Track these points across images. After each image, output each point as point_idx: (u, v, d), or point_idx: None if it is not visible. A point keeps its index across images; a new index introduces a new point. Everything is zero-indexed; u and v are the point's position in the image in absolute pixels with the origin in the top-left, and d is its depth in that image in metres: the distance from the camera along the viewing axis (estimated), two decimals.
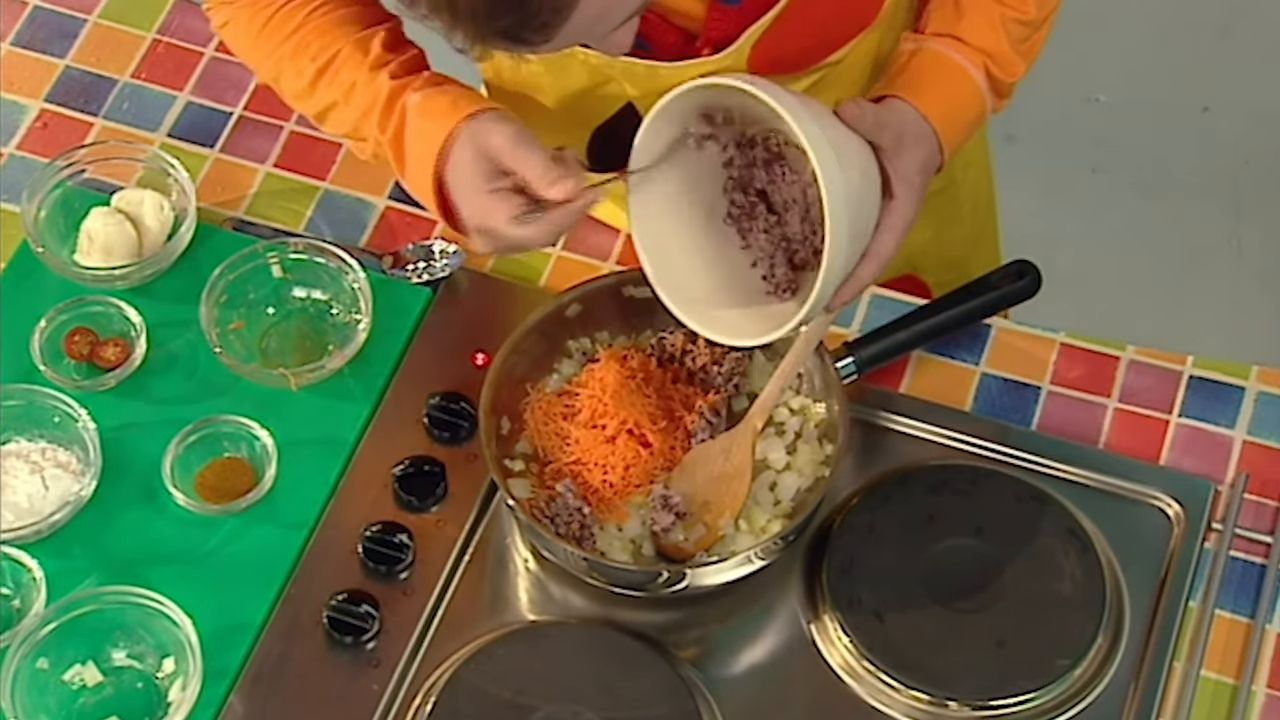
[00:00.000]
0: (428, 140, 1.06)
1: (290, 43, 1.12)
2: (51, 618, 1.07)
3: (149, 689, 1.08)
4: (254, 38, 1.13)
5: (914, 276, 1.34)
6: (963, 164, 1.33)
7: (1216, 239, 2.18)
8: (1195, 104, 2.26)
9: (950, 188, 1.34)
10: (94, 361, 1.20)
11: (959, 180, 1.34)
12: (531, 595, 1.14)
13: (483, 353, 1.20)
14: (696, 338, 1.17)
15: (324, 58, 1.11)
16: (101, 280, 1.22)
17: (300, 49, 1.11)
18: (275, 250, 1.22)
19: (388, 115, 1.08)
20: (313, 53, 1.11)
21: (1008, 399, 1.21)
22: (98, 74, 1.34)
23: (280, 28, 1.12)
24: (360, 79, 1.10)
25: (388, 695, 1.09)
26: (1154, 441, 1.19)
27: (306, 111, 1.14)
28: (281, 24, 1.12)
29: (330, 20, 1.12)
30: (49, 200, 1.25)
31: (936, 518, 1.14)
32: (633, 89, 1.15)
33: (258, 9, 1.13)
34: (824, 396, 1.16)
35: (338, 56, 1.10)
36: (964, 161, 1.33)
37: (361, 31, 1.11)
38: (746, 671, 1.11)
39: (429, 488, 1.15)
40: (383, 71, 1.09)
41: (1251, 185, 2.22)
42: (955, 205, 1.36)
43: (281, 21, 1.12)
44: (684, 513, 1.11)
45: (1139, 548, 1.14)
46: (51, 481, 1.14)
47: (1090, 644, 1.09)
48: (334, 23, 1.12)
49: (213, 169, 1.30)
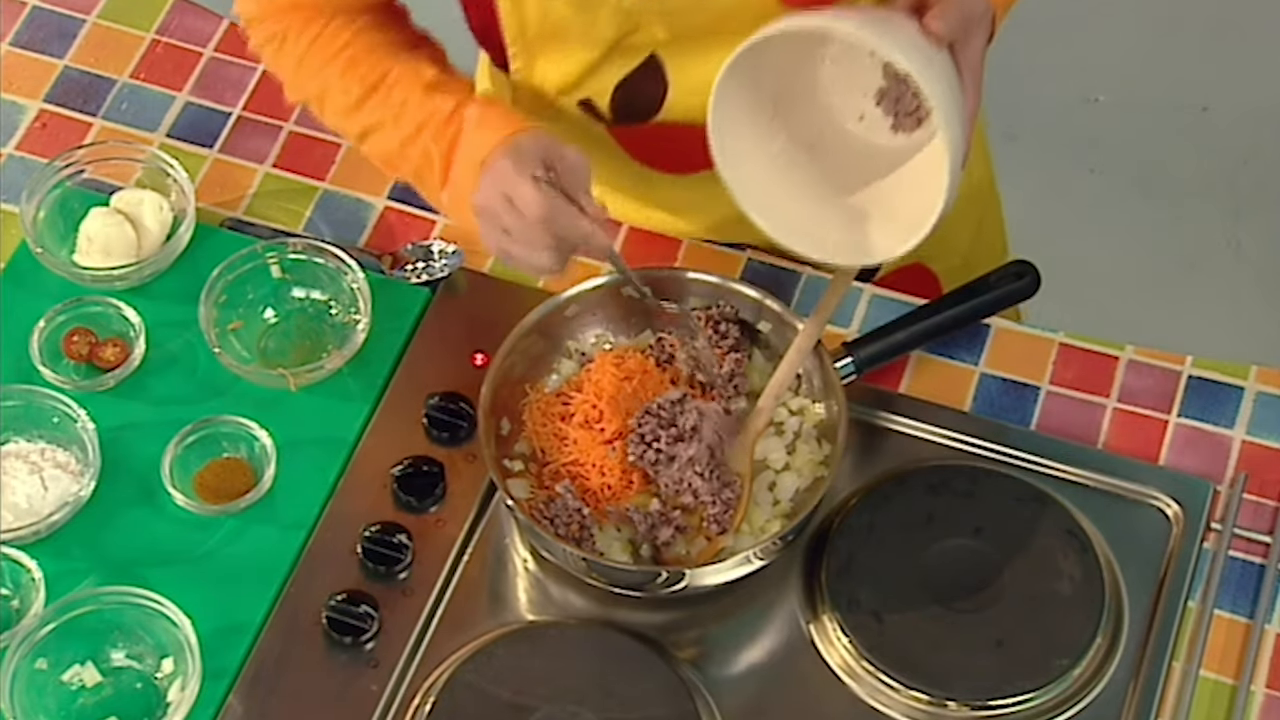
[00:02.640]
0: (481, 146, 1.06)
1: (338, 62, 1.12)
2: (50, 618, 1.07)
3: (148, 689, 1.08)
4: (298, 58, 1.13)
5: (922, 265, 1.33)
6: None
7: (1215, 239, 2.18)
8: (1194, 104, 2.26)
9: None
10: (93, 362, 1.20)
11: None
12: (530, 595, 1.14)
13: (482, 353, 1.20)
14: (695, 338, 1.17)
15: (373, 77, 1.11)
16: (100, 280, 1.22)
17: (349, 68, 1.12)
18: (274, 250, 1.22)
19: (445, 129, 1.09)
20: (361, 72, 1.12)
21: (1007, 399, 1.21)
22: (97, 74, 1.34)
23: (326, 47, 1.12)
24: (413, 99, 1.10)
25: (387, 695, 1.09)
26: (1153, 441, 1.19)
27: (349, 130, 1.14)
28: (327, 43, 1.12)
29: (376, 40, 1.12)
30: (48, 200, 1.25)
31: (936, 518, 1.14)
32: (663, 32, 1.14)
33: (303, 28, 1.13)
34: (823, 397, 1.16)
35: (388, 76, 1.11)
36: None
37: (408, 53, 1.12)
38: (745, 672, 1.11)
39: (428, 488, 1.15)
40: (438, 93, 1.10)
41: (1250, 185, 2.22)
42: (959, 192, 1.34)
43: (327, 41, 1.12)
44: (684, 526, 1.11)
45: (1138, 548, 1.14)
46: (50, 482, 1.14)
47: (1089, 644, 1.09)
48: (380, 44, 1.12)
49: (212, 169, 1.30)
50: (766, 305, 1.17)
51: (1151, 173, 2.23)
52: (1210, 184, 2.22)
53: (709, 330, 1.17)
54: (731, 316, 1.18)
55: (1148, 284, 2.14)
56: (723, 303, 1.18)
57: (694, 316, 1.17)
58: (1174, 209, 2.20)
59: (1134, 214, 2.20)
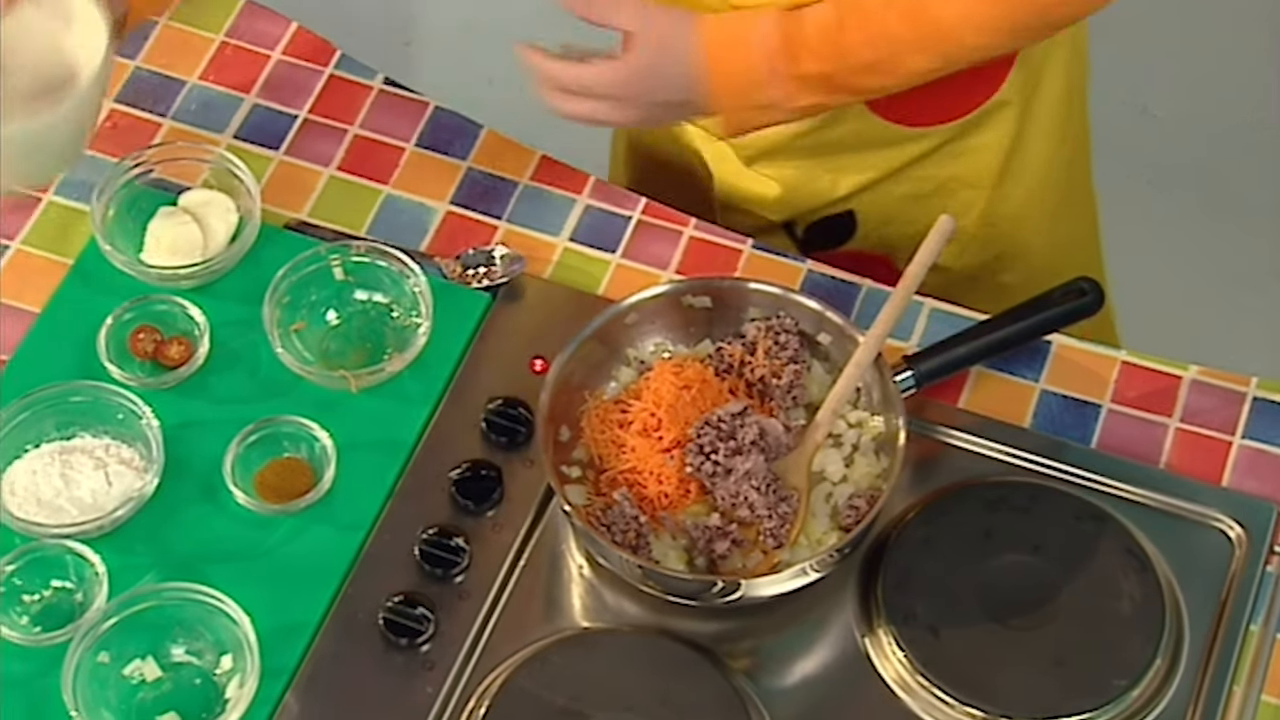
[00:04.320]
0: None
1: None
2: (113, 612, 1.09)
3: (207, 685, 1.09)
4: None
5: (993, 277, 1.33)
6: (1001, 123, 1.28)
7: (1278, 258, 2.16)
8: (1256, 119, 2.24)
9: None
10: (158, 359, 1.21)
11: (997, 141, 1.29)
12: (585, 602, 1.14)
13: (541, 359, 1.21)
14: (755, 349, 1.17)
15: None
16: (167, 279, 1.24)
17: None
18: (337, 253, 1.23)
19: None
20: None
21: (1068, 416, 1.20)
22: (167, 75, 1.35)
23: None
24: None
25: (441, 698, 1.09)
26: (1216, 462, 1.18)
27: None
28: None
29: None
30: (117, 199, 1.26)
31: (994, 534, 1.13)
32: None
33: None
34: (882, 410, 1.16)
35: None
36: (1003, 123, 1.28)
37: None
38: (799, 683, 1.11)
39: (486, 492, 1.16)
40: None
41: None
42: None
43: None
44: (740, 540, 1.11)
45: (1199, 569, 1.13)
46: (115, 477, 1.15)
47: (1149, 665, 1.09)
48: None
49: (277, 171, 1.31)
50: (827, 317, 1.17)
51: (1214, 189, 2.21)
52: (1276, 200, 2.19)
53: (768, 341, 1.17)
54: (791, 328, 1.18)
55: (1212, 303, 2.12)
56: (783, 314, 1.18)
57: None
58: (1238, 226, 2.18)
59: (1197, 231, 2.18)
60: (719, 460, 1.12)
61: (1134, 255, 2.14)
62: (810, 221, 1.33)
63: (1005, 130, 1.27)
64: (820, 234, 1.33)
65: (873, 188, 1.30)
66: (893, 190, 1.30)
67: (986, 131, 1.27)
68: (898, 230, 1.31)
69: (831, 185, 1.30)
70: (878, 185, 1.30)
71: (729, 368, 1.18)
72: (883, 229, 1.32)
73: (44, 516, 1.14)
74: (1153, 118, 2.25)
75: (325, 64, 1.37)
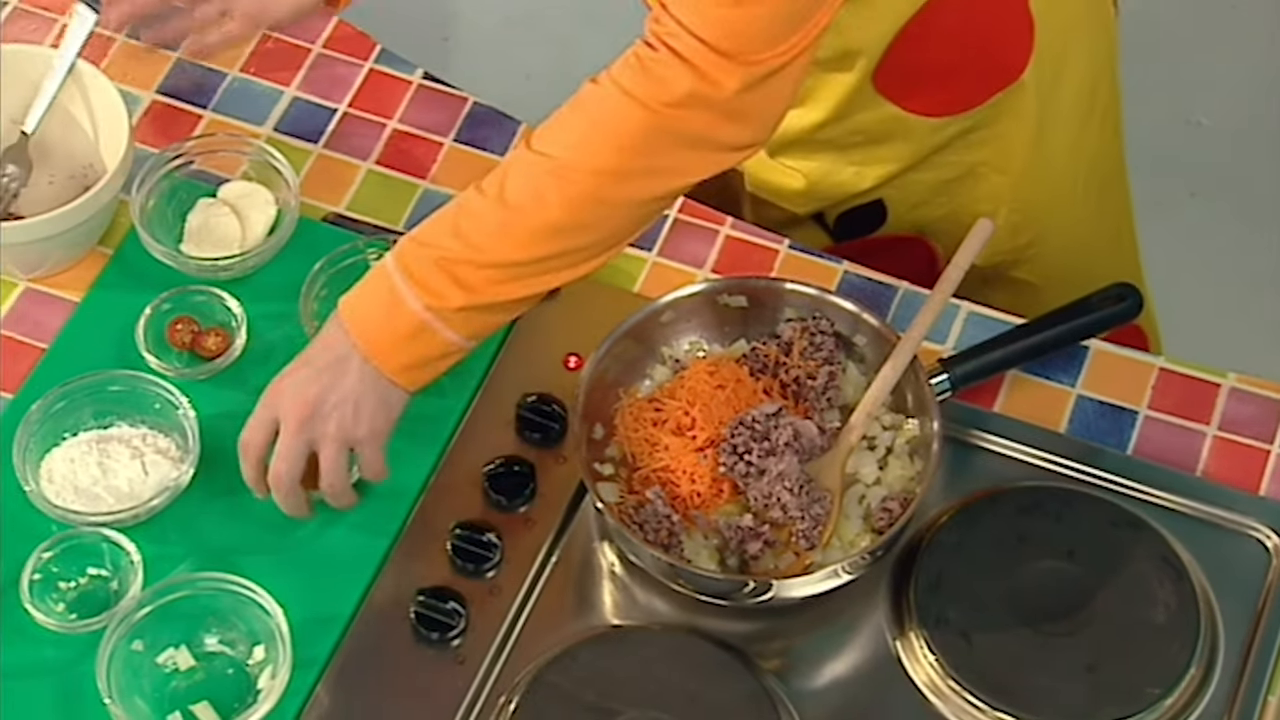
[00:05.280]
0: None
1: None
2: (147, 601, 1.09)
3: (239, 675, 1.10)
4: None
5: (922, 239, 1.31)
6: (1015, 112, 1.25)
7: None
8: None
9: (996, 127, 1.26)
10: (195, 350, 1.22)
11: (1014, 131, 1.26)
12: (616, 599, 1.14)
13: (576, 356, 1.21)
14: (791, 350, 1.17)
15: None
16: (205, 270, 1.24)
17: None
18: (375, 246, 1.24)
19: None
20: None
21: (1104, 422, 1.20)
22: (207, 67, 1.36)
23: None
24: None
25: (472, 692, 1.10)
26: (1254, 471, 1.17)
27: None
28: None
29: None
30: (157, 190, 1.27)
31: (1028, 539, 1.13)
32: None
33: None
34: (917, 413, 1.15)
35: None
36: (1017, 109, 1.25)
37: None
38: (830, 685, 1.11)
39: (519, 488, 1.16)
40: None
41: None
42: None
43: None
44: (773, 541, 1.11)
45: (1235, 578, 1.12)
46: (151, 467, 1.16)
47: (1183, 674, 1.08)
48: None
49: (316, 164, 1.32)
50: (863, 319, 1.17)
51: (1254, 198, 2.19)
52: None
53: (804, 342, 1.17)
54: (827, 329, 1.18)
55: (1251, 311, 2.10)
56: (819, 314, 1.18)
57: None
58: (1276, 235, 2.16)
59: (1236, 239, 2.16)
60: (752, 460, 1.12)
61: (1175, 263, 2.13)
62: (840, 212, 1.32)
63: (1027, 117, 1.25)
64: (851, 223, 1.32)
65: (899, 177, 1.29)
66: (920, 178, 1.29)
67: (1007, 119, 1.25)
68: (930, 211, 1.30)
69: (856, 177, 1.29)
70: (903, 175, 1.29)
71: (764, 368, 1.18)
72: (914, 212, 1.31)
73: (81, 504, 1.15)
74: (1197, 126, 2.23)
75: (365, 58, 1.37)
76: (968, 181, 1.29)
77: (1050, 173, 1.30)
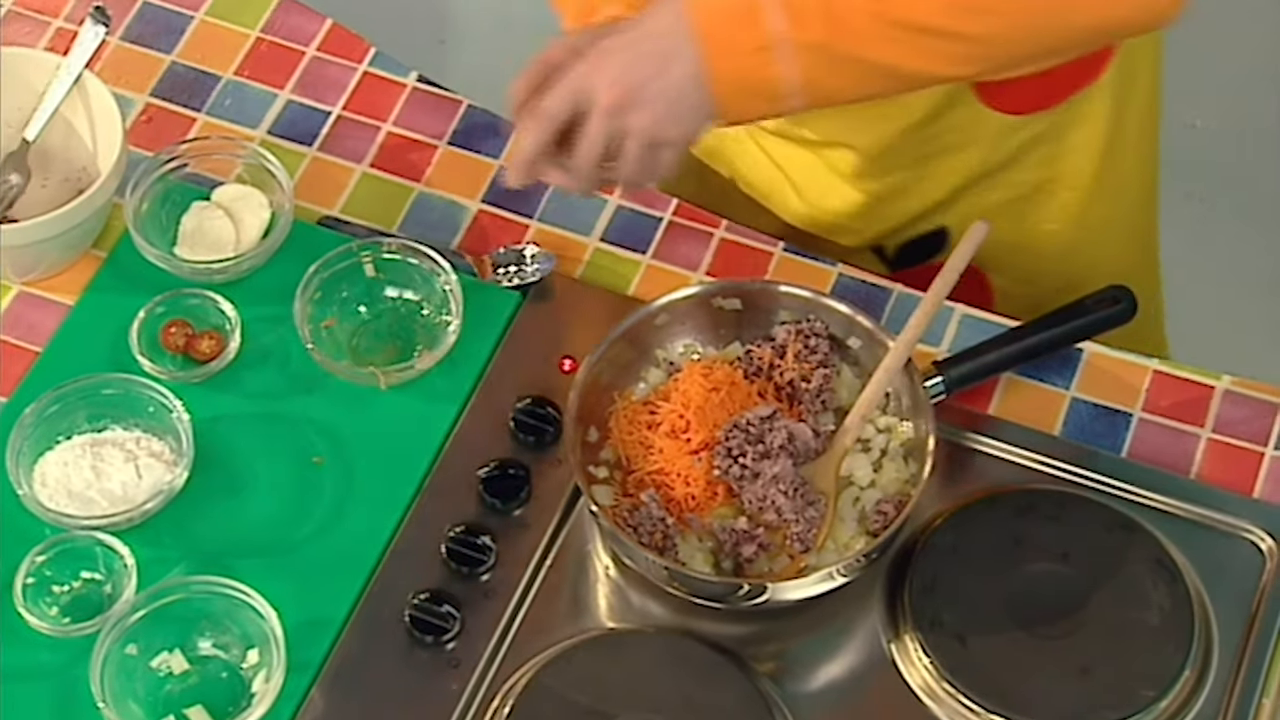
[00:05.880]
0: None
1: None
2: (141, 604, 1.09)
3: (233, 679, 1.10)
4: None
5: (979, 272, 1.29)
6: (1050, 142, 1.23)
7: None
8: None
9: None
10: (189, 353, 1.22)
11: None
12: (611, 602, 1.14)
13: (570, 359, 1.21)
14: (785, 352, 1.17)
15: None
16: (199, 274, 1.24)
17: None
18: (369, 250, 1.24)
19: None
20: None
21: (1098, 425, 1.20)
22: (202, 70, 1.36)
23: None
24: None
25: (466, 696, 1.10)
26: (1248, 473, 1.17)
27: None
28: None
29: None
30: (151, 193, 1.27)
31: (1022, 541, 1.13)
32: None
33: None
34: (911, 415, 1.15)
35: None
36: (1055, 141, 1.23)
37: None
38: (825, 688, 1.11)
39: (513, 491, 1.16)
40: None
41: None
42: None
43: None
44: (768, 544, 1.11)
45: (1229, 580, 1.12)
46: (145, 470, 1.16)
47: (1177, 676, 1.08)
48: None
49: (310, 167, 1.32)
50: (857, 321, 1.17)
51: (1251, 200, 2.19)
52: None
53: (798, 345, 1.17)
54: (821, 332, 1.18)
55: (1246, 313, 2.11)
56: (813, 317, 1.18)
57: None
58: (1273, 237, 2.16)
59: (1233, 242, 2.16)
60: (747, 464, 1.12)
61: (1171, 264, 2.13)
62: (902, 241, 1.29)
63: (1100, 124, 1.23)
64: (912, 253, 1.29)
65: (967, 194, 1.25)
66: (987, 197, 1.25)
67: (1080, 126, 1.22)
68: (991, 236, 1.22)
69: (922, 194, 1.25)
70: (968, 193, 1.25)
71: (758, 370, 1.18)
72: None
73: (74, 508, 1.14)
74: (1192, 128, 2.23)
75: (359, 61, 1.37)
76: (1035, 200, 1.25)
77: (1119, 186, 1.27)
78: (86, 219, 1.22)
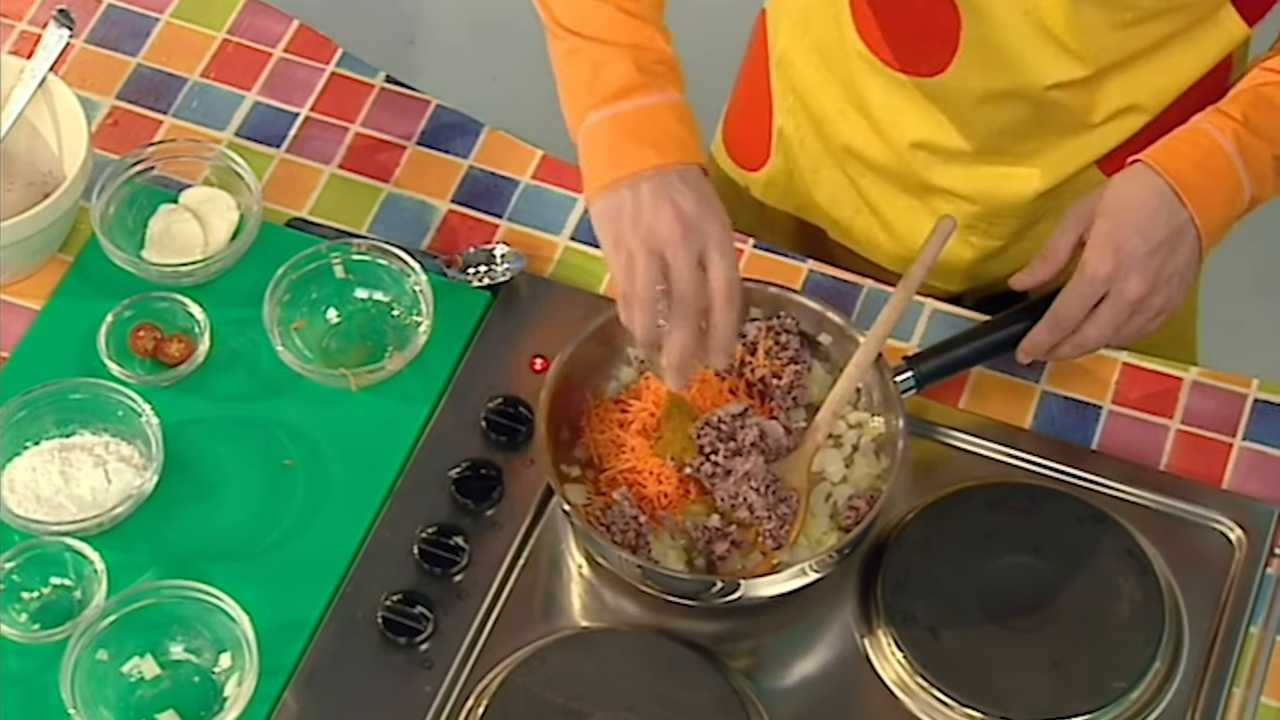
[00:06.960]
0: (643, 158, 1.05)
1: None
2: (111, 610, 1.09)
3: (205, 683, 1.09)
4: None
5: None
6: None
7: None
8: None
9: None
10: (158, 357, 1.21)
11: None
12: (585, 601, 1.14)
13: (541, 358, 1.21)
14: (756, 349, 1.17)
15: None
16: (167, 277, 1.24)
17: None
18: (338, 251, 1.23)
19: (649, 65, 1.06)
20: None
21: (1068, 418, 1.20)
22: (168, 72, 1.35)
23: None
24: (640, 20, 1.06)
25: (440, 697, 1.09)
26: (1216, 464, 1.18)
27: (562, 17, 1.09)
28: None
29: None
30: (118, 197, 1.26)
31: (994, 535, 1.13)
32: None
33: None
34: (882, 410, 1.16)
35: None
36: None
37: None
38: (798, 684, 1.11)
39: (485, 491, 1.15)
40: (661, 38, 1.07)
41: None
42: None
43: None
44: (740, 541, 1.11)
45: (1199, 571, 1.13)
46: (114, 475, 1.15)
47: (1148, 667, 1.08)
48: None
49: (278, 169, 1.31)
50: (827, 317, 1.17)
51: None
52: (1277, 205, 2.19)
53: (769, 341, 1.17)
54: (792, 328, 1.18)
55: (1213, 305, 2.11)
56: (783, 314, 1.18)
57: None
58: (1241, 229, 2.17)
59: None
60: (719, 461, 1.12)
61: None
62: (983, 295, 1.29)
63: None
64: (991, 304, 1.27)
65: None
66: None
67: None
68: None
69: (1016, 259, 1.24)
70: None
71: (729, 368, 1.18)
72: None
73: (43, 514, 1.14)
74: None
75: (327, 62, 1.37)
76: None
77: None
78: (53, 223, 1.21)
